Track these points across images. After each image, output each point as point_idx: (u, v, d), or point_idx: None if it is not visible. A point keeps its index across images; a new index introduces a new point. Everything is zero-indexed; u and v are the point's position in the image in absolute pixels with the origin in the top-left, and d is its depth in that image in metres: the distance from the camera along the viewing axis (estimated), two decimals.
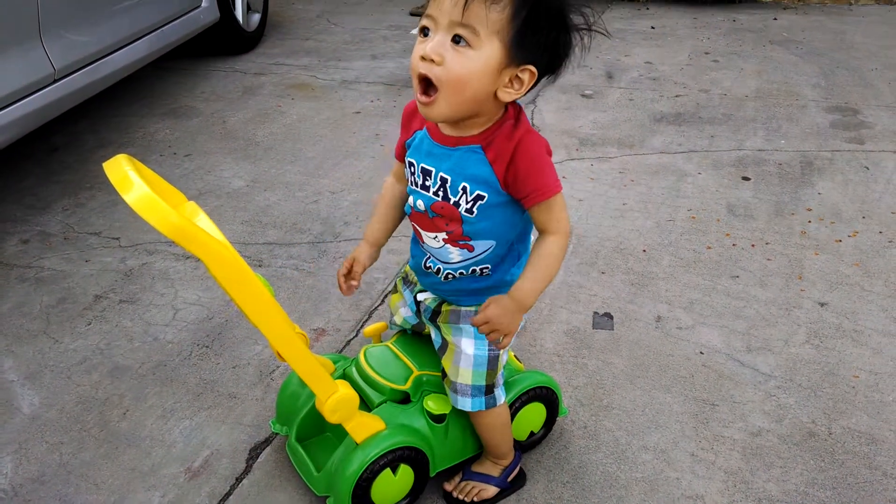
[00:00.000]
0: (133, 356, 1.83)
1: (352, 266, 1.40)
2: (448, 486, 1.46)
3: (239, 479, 1.49)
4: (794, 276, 2.16)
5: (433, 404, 1.40)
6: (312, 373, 1.26)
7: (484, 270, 1.29)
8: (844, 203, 2.57)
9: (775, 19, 5.07)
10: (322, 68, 3.97)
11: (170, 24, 3.32)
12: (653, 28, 4.82)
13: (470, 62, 1.05)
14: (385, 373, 1.43)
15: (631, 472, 1.52)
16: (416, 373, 1.43)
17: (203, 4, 3.63)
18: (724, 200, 2.59)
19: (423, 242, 1.30)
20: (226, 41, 4.04)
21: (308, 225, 2.43)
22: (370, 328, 1.59)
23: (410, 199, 1.27)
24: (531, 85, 1.13)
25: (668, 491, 1.48)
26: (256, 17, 4.32)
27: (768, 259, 2.24)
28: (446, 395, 1.41)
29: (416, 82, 1.10)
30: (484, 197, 1.18)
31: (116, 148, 2.97)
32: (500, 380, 1.37)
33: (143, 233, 2.34)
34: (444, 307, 1.36)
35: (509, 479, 1.46)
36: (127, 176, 1.04)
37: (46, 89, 2.48)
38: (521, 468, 1.49)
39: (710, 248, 2.30)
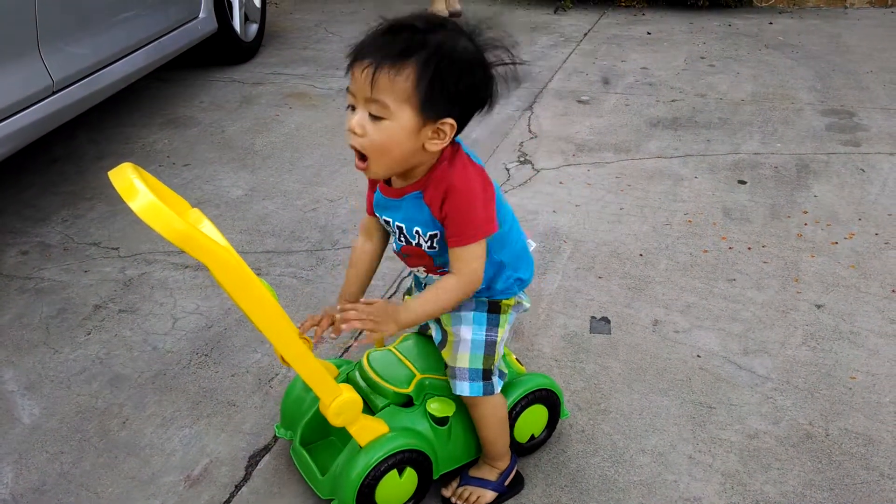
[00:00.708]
0: (132, 365, 1.84)
1: (321, 319, 1.37)
2: (446, 492, 1.46)
3: (238, 487, 1.50)
4: (790, 279, 2.17)
5: (436, 407, 1.41)
6: (317, 377, 1.27)
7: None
8: (840, 205, 2.58)
9: (771, 23, 5.09)
10: (320, 77, 3.99)
11: (168, 35, 3.34)
12: (649, 33, 4.85)
13: (388, 131, 1.13)
14: (388, 376, 1.44)
15: (629, 475, 1.52)
16: (418, 376, 1.44)
17: (201, 15, 3.65)
18: (720, 204, 2.60)
19: (413, 271, 1.42)
20: (224, 51, 4.05)
21: (306, 233, 2.44)
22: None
23: (391, 239, 1.39)
24: (456, 131, 1.18)
25: (665, 494, 1.48)
26: (254, 28, 4.34)
27: (765, 262, 2.25)
28: (449, 396, 1.43)
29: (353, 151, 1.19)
30: (437, 235, 1.26)
31: (115, 158, 2.98)
32: (496, 369, 1.39)
33: (142, 242, 2.35)
34: None
35: (506, 484, 1.46)
36: (132, 184, 1.05)
37: (45, 101, 2.49)
38: (518, 472, 1.50)
39: (706, 251, 2.31)
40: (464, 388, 1.37)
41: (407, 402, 1.44)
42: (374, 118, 1.13)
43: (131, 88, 3.39)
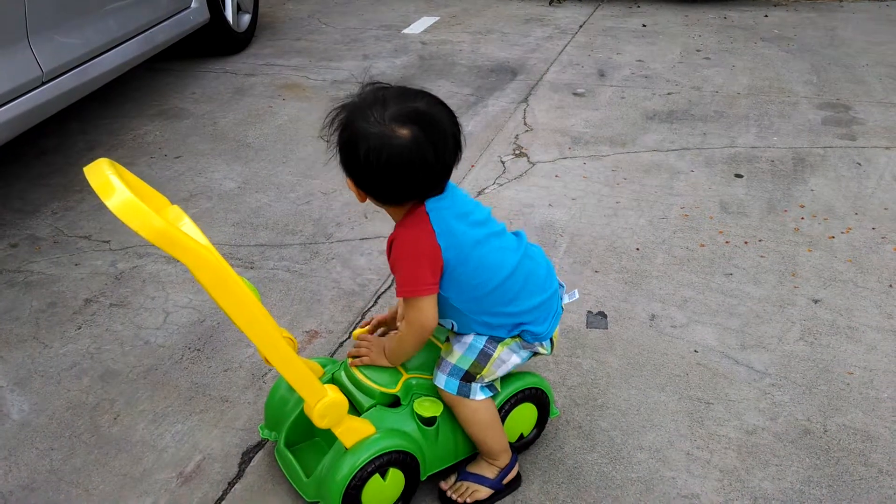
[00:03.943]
0: (124, 360, 1.82)
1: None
2: (443, 486, 1.46)
3: (231, 484, 1.48)
4: (787, 273, 2.16)
5: (423, 407, 1.39)
6: (301, 377, 1.24)
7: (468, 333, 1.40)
8: (837, 199, 2.57)
9: (766, 16, 5.08)
10: (313, 69, 3.95)
11: (159, 26, 3.30)
12: (644, 26, 4.82)
13: None
14: (374, 376, 1.42)
15: (626, 471, 1.51)
16: (405, 376, 1.41)
17: (192, 5, 3.61)
18: (716, 198, 2.58)
19: None
20: (216, 42, 4.02)
21: (300, 226, 2.41)
22: (359, 331, 1.57)
23: None
24: (366, 197, 1.29)
25: (663, 490, 1.47)
26: (247, 18, 4.30)
27: (761, 256, 2.24)
28: (437, 396, 1.41)
29: None
30: None
31: (106, 150, 2.95)
32: (481, 381, 1.39)
33: (134, 236, 2.32)
34: None
35: (504, 482, 1.45)
36: (108, 180, 1.03)
37: (34, 92, 2.45)
38: (518, 472, 1.48)
39: (703, 245, 2.29)
40: (441, 379, 1.38)
41: (394, 402, 1.41)
42: None
43: (122, 79, 3.35)
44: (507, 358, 1.40)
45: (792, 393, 1.72)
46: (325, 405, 1.26)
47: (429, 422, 1.39)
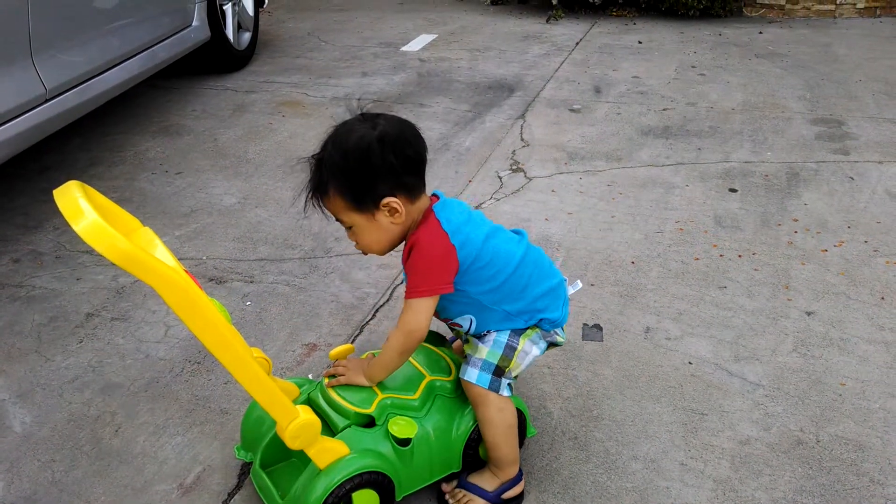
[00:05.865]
0: (125, 373, 1.84)
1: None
2: (445, 488, 1.48)
3: (231, 495, 1.50)
4: (780, 286, 2.18)
5: (398, 427, 1.38)
6: (271, 398, 1.24)
7: (489, 332, 1.45)
8: (830, 213, 2.60)
9: (761, 33, 5.14)
10: (313, 86, 4.00)
11: (161, 44, 3.35)
12: (640, 43, 4.88)
13: (360, 234, 1.38)
14: (349, 396, 1.41)
15: (621, 481, 1.53)
16: (380, 396, 1.41)
17: (194, 23, 3.66)
18: (711, 212, 2.61)
19: None
20: (217, 60, 4.07)
21: (299, 241, 2.44)
22: (336, 351, 1.53)
23: None
24: (407, 202, 1.35)
25: (658, 500, 1.49)
26: (247, 36, 4.36)
27: (755, 269, 2.27)
28: (412, 416, 1.41)
29: None
30: None
31: (108, 166, 2.98)
32: (509, 375, 1.43)
33: None
34: None
35: (504, 496, 1.46)
36: (77, 204, 1.03)
37: (38, 109, 2.49)
38: (523, 491, 1.48)
39: (697, 259, 2.32)
40: (472, 374, 1.41)
41: (369, 422, 1.40)
42: (348, 229, 1.39)
43: (124, 97, 3.39)
44: (530, 349, 1.46)
45: (785, 404, 1.74)
46: (297, 426, 1.26)
47: (403, 442, 1.38)
